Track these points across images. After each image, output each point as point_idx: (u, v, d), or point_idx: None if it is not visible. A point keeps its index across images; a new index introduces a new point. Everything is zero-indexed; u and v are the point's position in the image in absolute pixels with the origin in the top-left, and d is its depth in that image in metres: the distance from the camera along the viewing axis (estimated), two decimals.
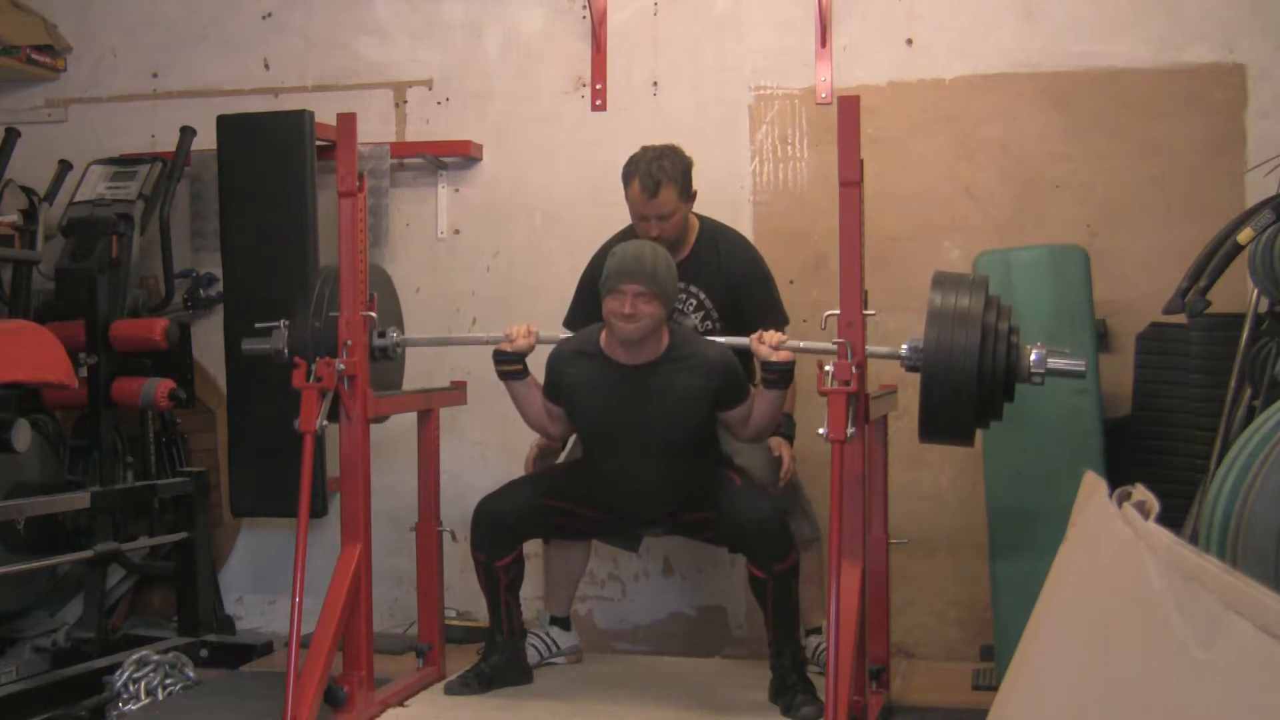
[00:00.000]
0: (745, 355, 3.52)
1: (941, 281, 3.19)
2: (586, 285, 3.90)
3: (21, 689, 3.78)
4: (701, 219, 3.97)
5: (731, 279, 3.88)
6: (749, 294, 3.87)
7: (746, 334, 3.48)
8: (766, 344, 3.36)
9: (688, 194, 3.84)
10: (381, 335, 3.56)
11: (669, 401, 3.44)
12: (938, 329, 3.10)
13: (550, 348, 3.61)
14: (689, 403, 3.45)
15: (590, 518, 3.69)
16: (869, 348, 3.21)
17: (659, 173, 3.75)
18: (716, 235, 3.96)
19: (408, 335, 3.75)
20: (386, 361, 3.63)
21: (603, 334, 3.50)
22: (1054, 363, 3.14)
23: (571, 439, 3.90)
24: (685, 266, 3.76)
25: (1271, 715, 0.95)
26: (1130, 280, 4.17)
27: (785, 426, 3.85)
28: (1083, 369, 3.19)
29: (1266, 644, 0.97)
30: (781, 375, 3.38)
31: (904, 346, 3.20)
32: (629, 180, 3.80)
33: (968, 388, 3.08)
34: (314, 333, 3.51)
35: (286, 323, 3.56)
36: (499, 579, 3.65)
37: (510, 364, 3.56)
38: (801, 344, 3.42)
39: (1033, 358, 3.13)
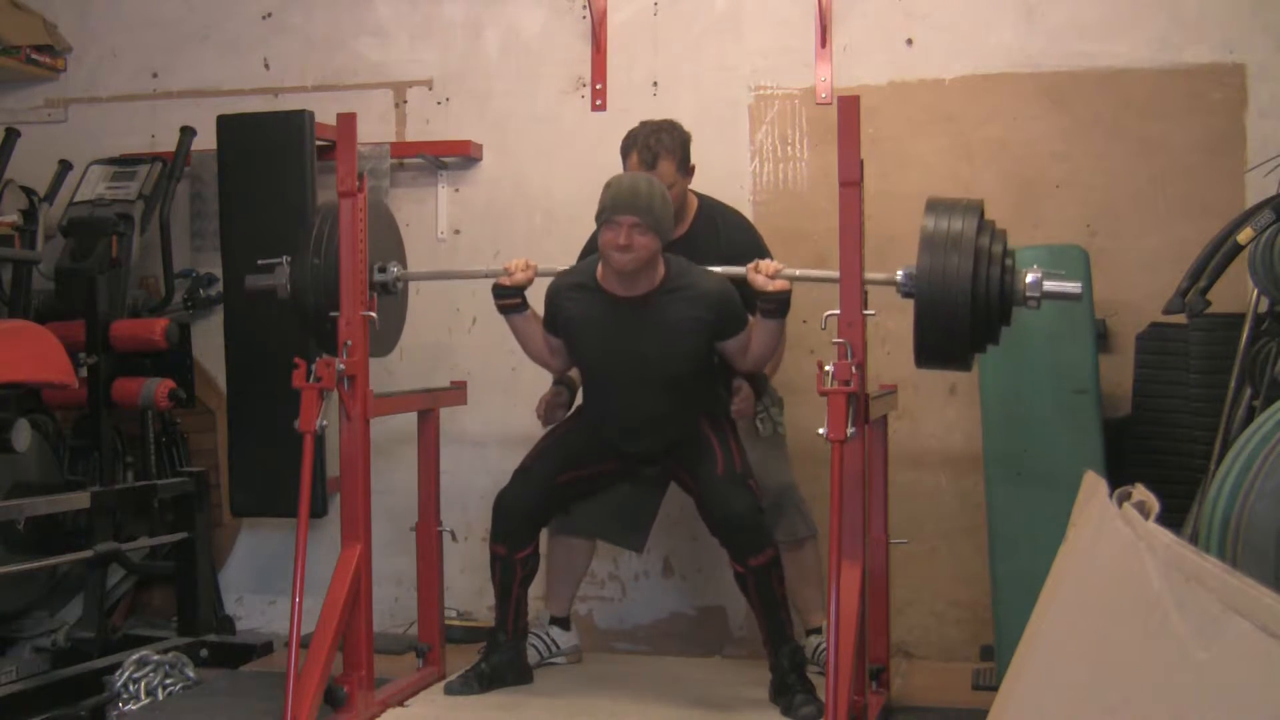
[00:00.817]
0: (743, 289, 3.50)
1: (935, 206, 3.20)
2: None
3: (21, 689, 3.78)
4: (700, 197, 3.96)
5: (730, 256, 3.84)
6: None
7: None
8: (763, 273, 3.36)
9: (686, 168, 3.85)
10: (382, 270, 3.58)
11: (665, 334, 3.45)
12: (930, 254, 3.11)
13: (550, 284, 3.63)
14: (685, 335, 3.45)
15: (599, 473, 3.68)
16: (866, 274, 3.21)
17: (657, 145, 3.76)
18: (715, 213, 3.95)
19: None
20: (388, 297, 3.65)
21: (599, 266, 3.50)
22: (1050, 285, 3.15)
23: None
24: (683, 243, 3.74)
25: (1271, 715, 0.95)
26: (1130, 280, 4.17)
27: (758, 380, 3.81)
28: (1078, 291, 3.19)
29: (1266, 644, 0.97)
30: (778, 305, 3.38)
31: (899, 273, 3.19)
32: (627, 153, 3.81)
33: (962, 312, 3.09)
34: (314, 269, 3.52)
35: (288, 259, 3.59)
36: (515, 573, 3.65)
37: (509, 298, 3.58)
38: (797, 272, 3.42)
39: (1028, 280, 3.14)
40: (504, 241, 4.70)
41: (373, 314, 3.48)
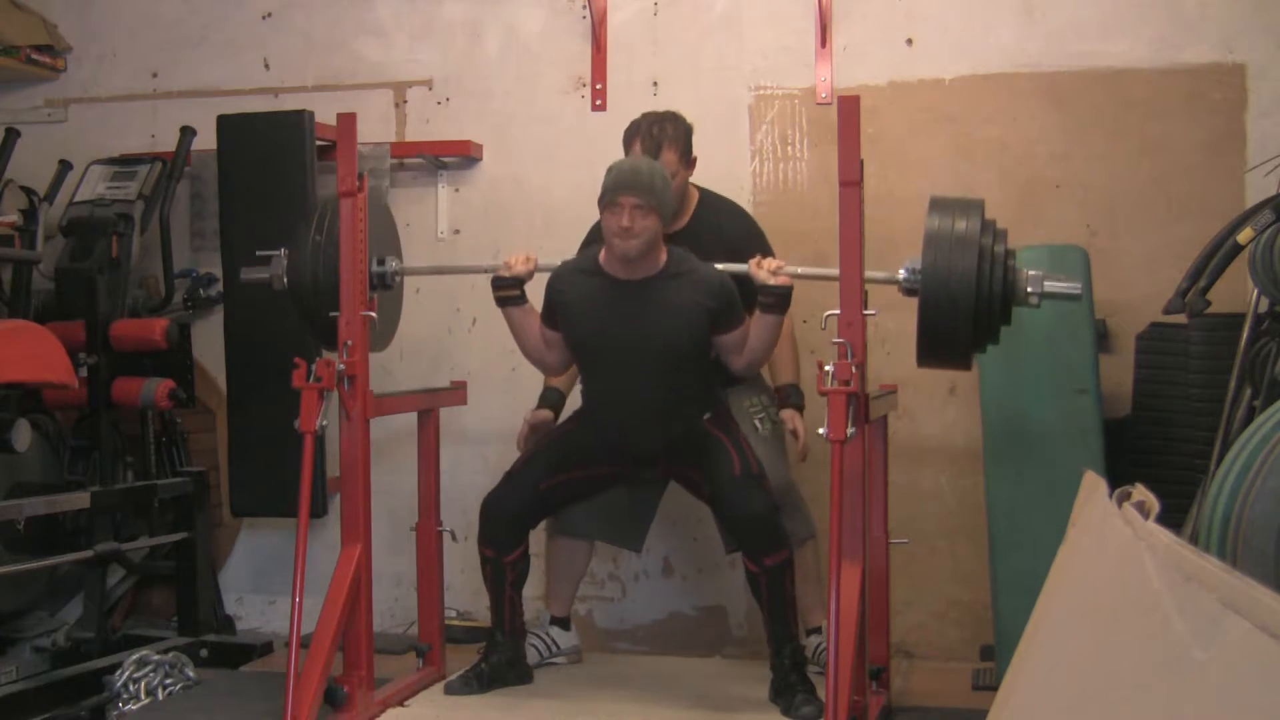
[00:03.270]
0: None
1: (938, 204, 3.23)
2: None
3: (21, 689, 3.78)
4: (701, 190, 3.97)
5: (732, 247, 3.81)
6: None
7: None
8: (765, 269, 3.38)
9: (688, 159, 3.87)
10: (380, 264, 3.58)
11: (667, 314, 3.45)
12: (935, 252, 3.13)
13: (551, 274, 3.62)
14: (687, 315, 3.45)
15: (593, 476, 3.66)
16: (867, 273, 3.22)
17: (660, 134, 3.78)
18: (716, 205, 3.96)
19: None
20: (385, 291, 3.64)
21: (602, 252, 3.52)
22: (1050, 285, 3.18)
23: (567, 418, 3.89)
24: (684, 234, 3.75)
25: (1271, 715, 0.95)
26: (1130, 280, 4.17)
27: (794, 396, 3.84)
28: (1078, 290, 3.23)
29: (1265, 643, 0.97)
30: (779, 299, 3.38)
31: (901, 270, 3.21)
32: (630, 142, 3.83)
33: (965, 311, 3.12)
34: (314, 246, 3.52)
35: (286, 251, 3.58)
36: (505, 575, 3.65)
37: (508, 289, 3.58)
38: (799, 269, 3.43)
39: (1029, 279, 3.16)
40: (504, 241, 4.70)
41: (373, 314, 3.48)
